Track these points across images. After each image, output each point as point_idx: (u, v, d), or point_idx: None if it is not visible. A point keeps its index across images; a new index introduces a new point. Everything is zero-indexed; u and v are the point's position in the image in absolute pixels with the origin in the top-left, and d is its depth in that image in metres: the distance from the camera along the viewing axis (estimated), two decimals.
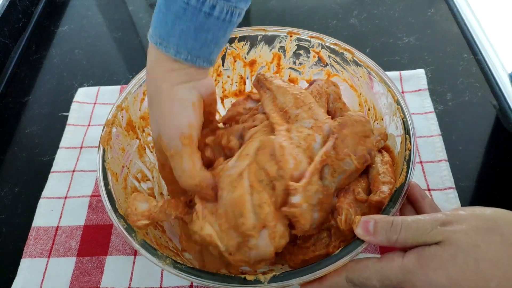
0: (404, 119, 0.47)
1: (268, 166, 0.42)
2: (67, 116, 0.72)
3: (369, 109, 0.56)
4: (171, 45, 0.41)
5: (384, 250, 0.55)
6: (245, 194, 0.41)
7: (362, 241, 0.39)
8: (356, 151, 0.44)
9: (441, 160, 0.61)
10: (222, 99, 0.64)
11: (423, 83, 0.71)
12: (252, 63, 0.61)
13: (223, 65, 0.61)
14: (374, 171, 0.46)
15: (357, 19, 0.85)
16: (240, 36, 0.58)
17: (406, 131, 0.46)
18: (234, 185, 0.41)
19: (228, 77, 0.63)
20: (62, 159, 0.67)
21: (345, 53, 0.56)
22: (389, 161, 0.47)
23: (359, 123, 0.45)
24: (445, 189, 0.59)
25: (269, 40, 0.59)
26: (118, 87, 0.76)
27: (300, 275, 0.38)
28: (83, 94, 0.75)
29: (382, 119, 0.53)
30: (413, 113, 0.67)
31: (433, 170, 0.61)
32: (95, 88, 0.76)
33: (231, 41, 0.59)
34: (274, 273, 0.38)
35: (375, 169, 0.46)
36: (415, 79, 0.72)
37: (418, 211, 0.46)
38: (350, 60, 0.56)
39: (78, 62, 0.84)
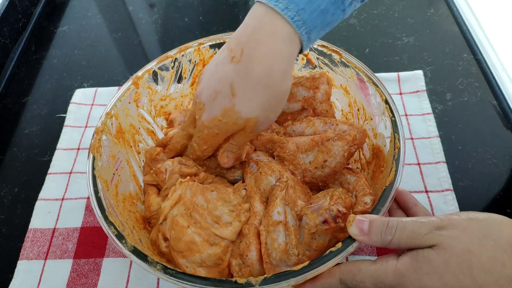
0: (392, 118, 0.47)
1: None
2: (65, 117, 0.72)
3: (358, 110, 0.56)
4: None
5: (381, 251, 0.54)
6: None
7: (354, 240, 0.39)
8: None
9: (439, 162, 0.61)
10: None
11: (421, 84, 0.70)
12: None
13: None
14: (350, 187, 0.47)
15: (356, 19, 0.84)
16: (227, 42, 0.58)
17: (395, 130, 0.46)
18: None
19: None
20: (59, 161, 0.66)
21: (333, 54, 0.56)
22: (363, 178, 0.48)
23: None
24: (443, 191, 0.58)
25: None
26: (116, 88, 0.76)
27: (291, 277, 0.37)
28: (81, 95, 0.75)
29: (371, 119, 0.53)
30: (411, 115, 0.67)
31: (431, 172, 0.60)
32: (93, 89, 0.76)
33: (219, 46, 0.58)
34: (265, 276, 0.38)
35: (351, 184, 0.47)
36: (413, 81, 0.71)
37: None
38: (338, 61, 0.55)
39: (77, 63, 0.84)
